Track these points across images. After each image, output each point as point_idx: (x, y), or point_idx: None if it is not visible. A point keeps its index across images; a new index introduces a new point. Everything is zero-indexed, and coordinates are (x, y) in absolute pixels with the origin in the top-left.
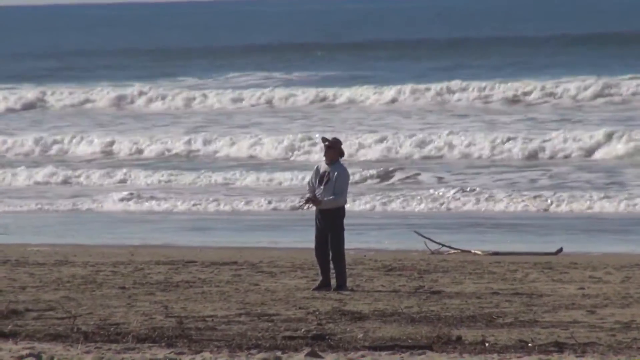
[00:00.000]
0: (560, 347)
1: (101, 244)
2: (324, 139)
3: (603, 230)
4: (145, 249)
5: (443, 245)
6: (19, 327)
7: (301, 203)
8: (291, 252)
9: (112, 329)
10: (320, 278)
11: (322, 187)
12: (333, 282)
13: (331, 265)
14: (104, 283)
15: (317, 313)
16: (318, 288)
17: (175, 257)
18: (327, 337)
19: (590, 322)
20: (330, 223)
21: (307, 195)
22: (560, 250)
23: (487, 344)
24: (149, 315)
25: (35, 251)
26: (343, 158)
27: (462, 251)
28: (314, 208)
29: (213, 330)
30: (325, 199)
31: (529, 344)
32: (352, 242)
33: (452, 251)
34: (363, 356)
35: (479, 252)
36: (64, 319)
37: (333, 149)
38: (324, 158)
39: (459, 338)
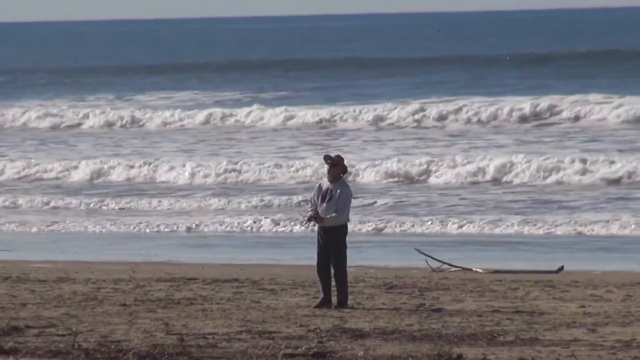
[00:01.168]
0: None
1: (102, 261)
2: (326, 157)
3: (603, 248)
4: (146, 265)
5: (444, 263)
6: (19, 344)
7: (304, 221)
8: (292, 269)
9: (113, 346)
10: (321, 295)
11: (324, 204)
12: (334, 299)
13: (332, 283)
14: (105, 300)
15: (318, 331)
16: (319, 305)
17: (176, 274)
18: (327, 354)
19: (591, 341)
20: (333, 240)
21: (310, 212)
22: (562, 268)
23: None
24: (149, 332)
25: (37, 268)
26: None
27: (463, 269)
28: (317, 226)
29: (214, 347)
30: (328, 216)
31: None
32: (353, 259)
33: (453, 269)
34: None
35: (480, 270)
36: (64, 335)
37: (337, 166)
38: (326, 175)
39: (460, 356)
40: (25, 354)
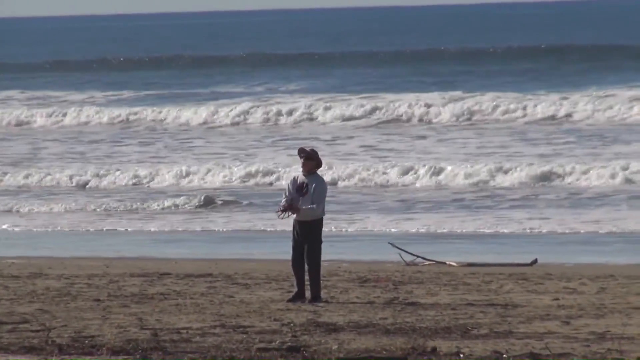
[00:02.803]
0: (535, 357)
1: (76, 256)
2: (301, 150)
3: (577, 242)
4: (120, 261)
5: (418, 257)
6: None
7: (279, 211)
8: (266, 263)
9: (86, 341)
10: (295, 289)
11: (300, 198)
12: (308, 293)
13: (306, 277)
14: (79, 295)
15: (291, 325)
16: (293, 299)
17: (149, 269)
18: (301, 348)
19: (565, 333)
20: (308, 234)
21: (284, 202)
22: (535, 261)
23: (462, 355)
24: (123, 327)
25: (10, 264)
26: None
27: (437, 262)
28: (292, 220)
29: (188, 342)
30: (304, 207)
31: (504, 355)
32: (326, 253)
33: (427, 262)
34: None
35: (453, 264)
36: (38, 331)
37: (312, 160)
38: (300, 170)
39: (434, 349)
40: None
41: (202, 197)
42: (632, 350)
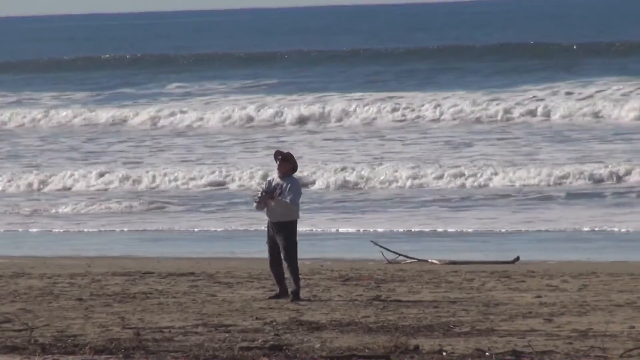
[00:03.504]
0: (517, 355)
1: (58, 256)
2: (277, 153)
3: (559, 239)
4: (102, 260)
5: (400, 255)
6: None
7: (255, 198)
8: (248, 262)
9: (69, 340)
10: (277, 289)
11: (279, 198)
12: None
13: (286, 274)
14: (61, 295)
15: (274, 323)
16: (275, 297)
17: (132, 268)
18: (284, 347)
19: (548, 331)
20: (283, 235)
21: (260, 191)
22: (517, 259)
23: (444, 353)
24: (106, 326)
25: None
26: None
27: (419, 260)
28: (267, 221)
29: (170, 341)
30: (280, 198)
31: (486, 353)
32: (308, 252)
33: (409, 260)
34: None
35: (435, 262)
36: (21, 331)
37: (287, 162)
38: (276, 172)
39: (416, 347)
40: None
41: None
42: (615, 348)
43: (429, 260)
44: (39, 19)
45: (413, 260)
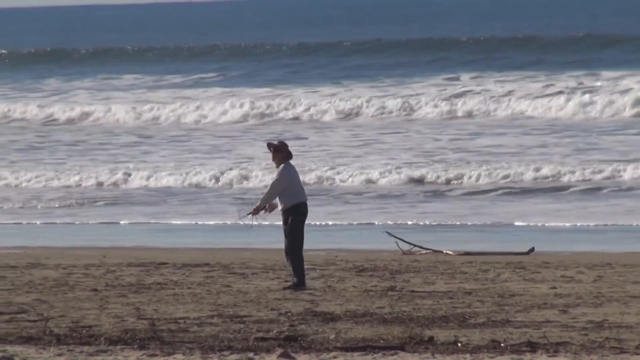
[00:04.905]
0: (532, 346)
1: (73, 246)
2: (269, 144)
3: (574, 230)
4: (117, 250)
5: (415, 246)
6: None
7: (244, 216)
8: (263, 253)
9: (84, 331)
10: (293, 278)
11: None
12: (307, 282)
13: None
14: (76, 285)
15: (289, 314)
16: (290, 287)
17: (147, 259)
18: (299, 338)
19: (563, 322)
20: (286, 222)
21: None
22: (532, 249)
23: (459, 344)
24: (121, 317)
25: (7, 254)
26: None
27: (434, 251)
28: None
29: (185, 332)
30: (259, 202)
31: (502, 344)
32: (323, 242)
33: (424, 251)
34: (335, 357)
35: (450, 253)
36: (36, 321)
37: (280, 152)
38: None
39: (431, 338)
40: None
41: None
42: (630, 339)
43: (444, 251)
44: None
45: (428, 251)
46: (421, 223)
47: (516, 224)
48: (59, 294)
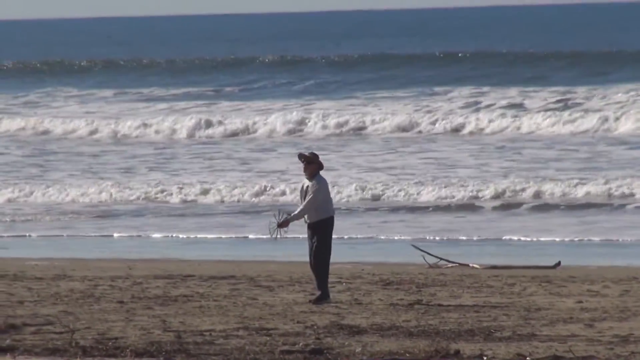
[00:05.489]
0: None
1: (99, 258)
2: (300, 155)
3: (600, 245)
4: (143, 263)
5: (441, 259)
6: (17, 342)
7: (272, 231)
8: (288, 265)
9: (110, 343)
10: (318, 291)
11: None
12: (331, 294)
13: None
14: (102, 297)
15: (315, 327)
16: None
17: (173, 271)
18: (325, 351)
19: (589, 336)
20: (315, 235)
21: (271, 223)
22: (558, 264)
23: (485, 358)
24: (147, 329)
25: (34, 265)
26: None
27: (460, 265)
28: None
29: (211, 344)
30: (292, 214)
31: (527, 358)
32: (349, 255)
33: (450, 265)
34: None
35: (477, 266)
36: (62, 333)
37: (312, 163)
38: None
39: (457, 352)
40: (23, 352)
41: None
42: None
43: (470, 265)
44: None
45: (454, 265)
46: (446, 238)
47: (542, 238)
48: (85, 305)
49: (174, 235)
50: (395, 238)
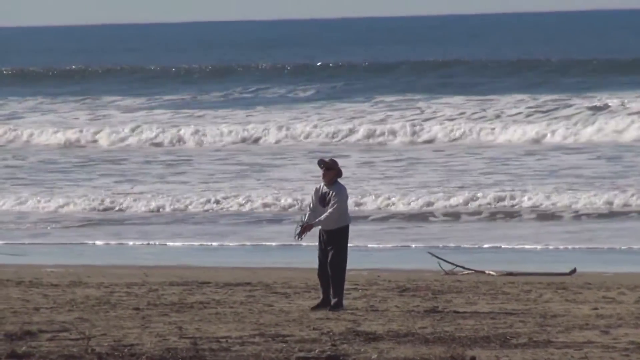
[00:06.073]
0: None
1: (115, 265)
2: (320, 161)
3: (615, 251)
4: (159, 269)
5: (457, 266)
6: (32, 349)
7: (297, 235)
8: (304, 272)
9: (126, 350)
10: (320, 297)
11: (326, 208)
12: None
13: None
14: (118, 304)
15: (331, 334)
16: (317, 307)
17: (189, 277)
18: (341, 357)
19: (604, 343)
20: (332, 243)
21: (299, 225)
22: (574, 270)
23: None
24: (163, 336)
25: (49, 272)
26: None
27: (476, 271)
28: (319, 229)
29: (227, 351)
30: (316, 220)
31: None
32: (364, 262)
33: (466, 271)
34: None
35: (492, 273)
36: (77, 340)
37: (332, 169)
38: (322, 180)
39: (473, 358)
40: (39, 359)
41: None
42: None
43: (486, 272)
44: None
45: (470, 272)
46: (463, 245)
47: (558, 245)
48: (100, 312)
49: (189, 244)
50: (412, 246)
